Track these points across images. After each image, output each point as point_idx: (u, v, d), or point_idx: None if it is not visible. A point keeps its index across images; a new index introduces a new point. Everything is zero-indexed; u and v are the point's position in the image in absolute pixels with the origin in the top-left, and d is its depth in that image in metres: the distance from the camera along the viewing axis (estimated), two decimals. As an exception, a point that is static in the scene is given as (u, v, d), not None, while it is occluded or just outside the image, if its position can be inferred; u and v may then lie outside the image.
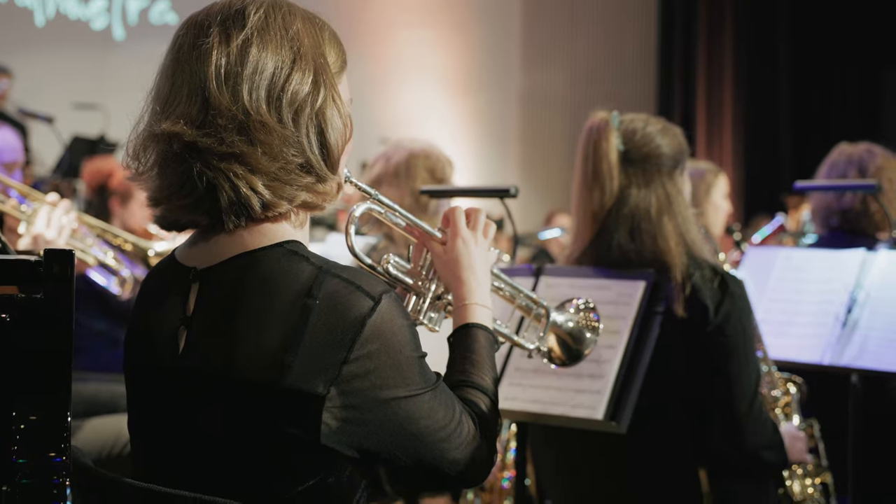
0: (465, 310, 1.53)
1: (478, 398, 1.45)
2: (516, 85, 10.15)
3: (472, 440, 1.38)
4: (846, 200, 3.15)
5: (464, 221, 1.58)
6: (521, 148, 10.12)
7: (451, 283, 1.56)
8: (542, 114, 10.12)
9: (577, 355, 1.78)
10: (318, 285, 1.29)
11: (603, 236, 2.24)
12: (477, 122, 10.04)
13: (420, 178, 2.84)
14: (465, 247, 1.55)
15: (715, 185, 3.79)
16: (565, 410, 2.05)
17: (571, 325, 1.79)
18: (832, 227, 3.20)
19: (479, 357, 1.49)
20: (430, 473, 1.37)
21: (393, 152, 2.92)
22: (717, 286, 2.18)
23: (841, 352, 2.73)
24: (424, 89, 9.78)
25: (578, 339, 1.78)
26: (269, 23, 1.34)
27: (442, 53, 9.93)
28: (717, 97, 10.31)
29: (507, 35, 10.20)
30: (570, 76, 10.23)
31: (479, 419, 1.42)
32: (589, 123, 2.31)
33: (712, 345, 2.15)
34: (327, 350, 1.27)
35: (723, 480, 2.19)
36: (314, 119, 1.34)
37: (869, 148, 3.24)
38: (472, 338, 1.50)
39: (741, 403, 2.14)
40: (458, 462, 1.37)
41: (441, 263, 1.57)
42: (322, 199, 1.37)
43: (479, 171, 9.90)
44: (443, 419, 1.35)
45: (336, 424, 1.28)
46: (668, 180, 2.26)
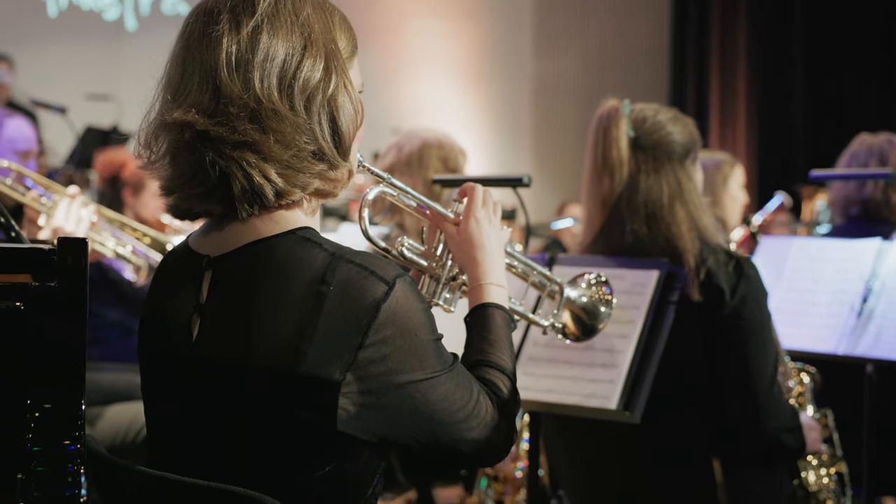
0: (480, 290, 1.52)
1: (496, 377, 1.45)
2: (528, 74, 10.13)
3: (490, 420, 1.38)
4: (867, 190, 3.14)
5: (480, 201, 1.58)
6: (534, 138, 10.10)
7: (465, 263, 1.55)
8: (555, 103, 10.09)
9: (592, 330, 1.79)
10: (332, 271, 1.29)
11: (614, 223, 2.24)
12: (489, 112, 10.02)
13: (433, 167, 2.84)
14: (479, 227, 1.55)
15: (732, 175, 3.78)
16: (578, 400, 2.04)
17: (585, 299, 1.79)
18: (852, 216, 3.19)
19: (496, 336, 1.49)
20: (448, 455, 1.37)
21: (405, 141, 2.91)
22: (732, 269, 2.18)
23: (856, 342, 2.72)
24: (436, 79, 9.77)
25: (592, 314, 1.79)
26: (280, 9, 1.34)
27: (454, 43, 9.91)
28: (731, 87, 10.26)
29: (519, 24, 10.16)
30: (582, 66, 10.20)
31: (497, 399, 1.42)
32: (599, 111, 2.31)
33: (730, 328, 2.15)
34: (342, 336, 1.27)
35: (737, 470, 2.19)
36: (326, 106, 1.34)
37: (890, 138, 3.23)
38: (489, 317, 1.50)
39: (760, 385, 2.14)
40: (477, 442, 1.37)
41: (455, 244, 1.57)
42: (334, 187, 1.37)
43: (491, 160, 9.88)
44: (460, 400, 1.35)
45: (353, 410, 1.28)
46: (679, 168, 2.26)
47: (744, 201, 3.82)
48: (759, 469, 2.24)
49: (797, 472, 2.42)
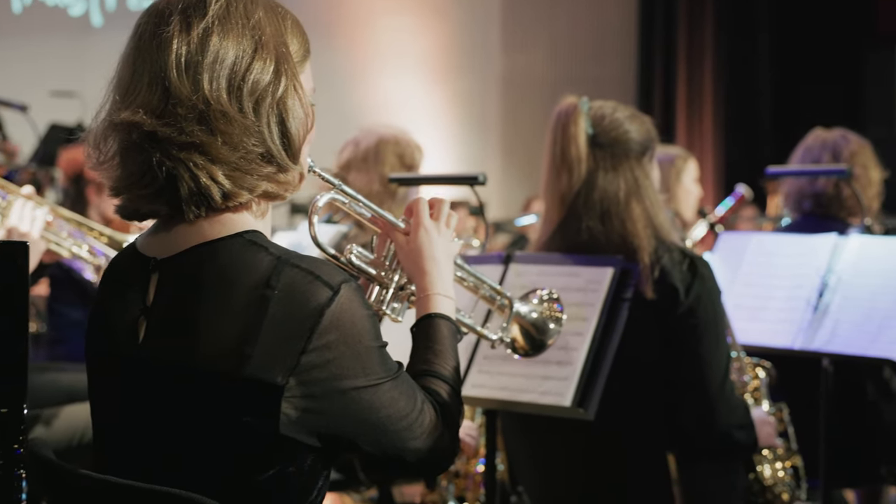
0: (427, 300, 1.53)
1: (440, 387, 1.46)
2: (496, 69, 10.14)
3: (433, 429, 1.39)
4: (819, 185, 3.17)
5: (427, 212, 1.58)
6: (502, 132, 10.11)
7: (413, 273, 1.56)
8: (523, 98, 10.10)
9: (541, 345, 1.79)
10: (277, 275, 1.29)
11: (571, 220, 2.26)
12: (457, 107, 10.03)
13: (389, 163, 2.83)
14: (428, 237, 1.56)
15: (685, 169, 3.81)
16: (533, 397, 2.05)
17: (535, 315, 1.80)
18: (805, 211, 3.23)
19: (442, 347, 1.49)
20: (391, 462, 1.38)
21: (362, 137, 2.90)
22: (687, 268, 2.20)
23: (812, 336, 2.75)
24: (405, 75, 9.75)
25: (542, 330, 1.79)
26: (231, 11, 1.34)
27: (422, 39, 9.90)
28: (698, 81, 10.32)
29: (487, 19, 10.17)
30: (550, 60, 10.22)
31: (441, 408, 1.42)
32: (558, 108, 2.33)
33: (683, 327, 2.17)
34: (286, 340, 1.28)
35: (691, 466, 2.21)
36: (275, 108, 1.34)
37: (843, 134, 3.26)
38: (435, 328, 1.51)
39: (713, 383, 2.16)
40: (420, 451, 1.37)
41: (404, 254, 1.57)
42: (284, 189, 1.37)
43: (459, 155, 9.89)
44: (404, 408, 1.35)
45: (296, 414, 1.29)
46: (637, 165, 2.28)
47: (698, 195, 3.85)
48: (713, 464, 2.26)
49: (753, 466, 2.44)
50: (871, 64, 10.00)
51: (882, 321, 2.66)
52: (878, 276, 2.72)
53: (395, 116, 9.44)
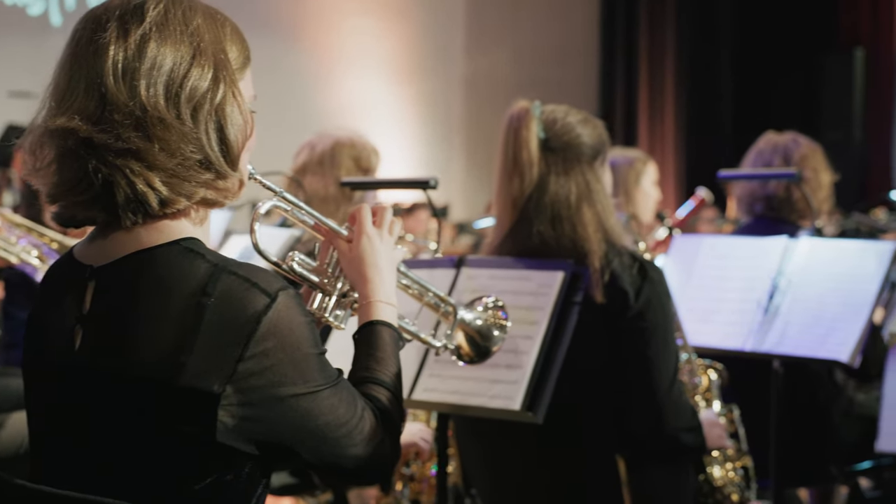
0: (369, 307, 1.53)
1: (381, 394, 1.46)
2: (460, 71, 10.16)
3: (373, 436, 1.39)
4: (770, 188, 3.21)
5: (369, 220, 1.58)
6: (466, 134, 10.13)
7: (356, 280, 1.56)
8: (487, 100, 10.12)
9: (486, 352, 1.79)
10: (214, 283, 1.29)
11: (523, 224, 2.27)
12: (421, 109, 10.04)
13: (345, 167, 2.82)
14: (371, 245, 1.56)
15: (644, 172, 3.84)
16: (483, 401, 2.06)
17: (480, 322, 1.80)
18: (756, 213, 3.27)
19: (383, 354, 1.50)
20: (331, 470, 1.38)
21: (318, 140, 2.90)
22: (637, 272, 2.21)
23: (763, 338, 2.78)
24: (368, 77, 9.74)
25: (486, 337, 1.79)
26: (169, 18, 1.33)
27: (386, 41, 9.90)
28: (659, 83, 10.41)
29: (451, 21, 10.19)
30: (514, 62, 10.26)
31: (381, 415, 1.42)
32: (510, 112, 2.33)
33: (633, 330, 2.18)
34: (222, 348, 1.27)
35: (641, 467, 2.22)
36: (213, 115, 1.33)
37: (794, 137, 3.30)
38: (376, 335, 1.51)
39: (661, 387, 2.17)
40: (360, 458, 1.37)
41: (346, 261, 1.57)
42: (223, 196, 1.37)
43: (423, 158, 9.89)
44: (344, 415, 1.35)
45: (233, 422, 1.28)
46: (588, 169, 2.29)
47: (657, 197, 3.88)
48: (662, 466, 2.28)
49: (703, 467, 2.46)
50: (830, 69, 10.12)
51: (830, 323, 2.69)
52: (826, 279, 2.76)
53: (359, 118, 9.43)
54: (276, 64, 9.02)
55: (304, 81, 9.25)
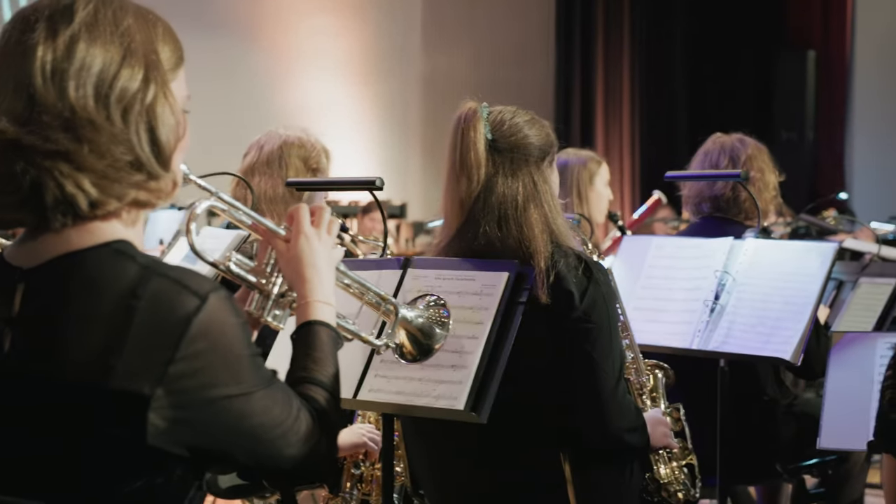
0: (307, 307, 1.53)
1: (318, 394, 1.46)
2: (418, 71, 10.16)
3: (310, 436, 1.39)
4: (717, 188, 3.25)
5: (308, 219, 1.58)
6: (423, 134, 10.13)
7: (293, 280, 1.56)
8: (445, 100, 10.11)
9: (428, 350, 1.81)
10: (143, 285, 1.28)
11: (470, 224, 2.27)
12: (379, 109, 10.02)
13: (293, 167, 2.81)
14: (308, 244, 1.56)
15: (598, 173, 3.87)
16: (428, 402, 2.06)
17: (421, 320, 1.81)
18: (704, 213, 3.30)
19: (321, 354, 1.49)
20: (267, 470, 1.38)
21: (266, 140, 2.88)
22: (582, 273, 2.22)
23: (709, 337, 2.82)
24: (326, 77, 9.71)
25: (428, 335, 1.81)
26: (99, 18, 1.33)
27: (343, 41, 9.87)
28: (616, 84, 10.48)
29: (408, 21, 10.18)
30: (472, 62, 10.28)
31: (318, 415, 1.42)
32: (458, 113, 2.34)
33: (578, 331, 2.19)
34: (152, 350, 1.27)
35: (585, 466, 2.24)
36: (144, 116, 1.33)
37: (741, 138, 3.35)
38: (314, 335, 1.50)
39: (605, 387, 2.19)
40: (296, 458, 1.37)
41: (284, 261, 1.57)
42: (155, 197, 1.37)
43: (381, 158, 9.88)
44: (278, 416, 1.35)
45: (164, 425, 1.28)
46: (536, 170, 2.30)
47: (610, 197, 3.92)
48: (606, 465, 2.30)
49: (649, 466, 2.48)
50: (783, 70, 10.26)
51: (774, 322, 2.73)
52: (771, 279, 2.80)
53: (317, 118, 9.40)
54: (233, 64, 8.97)
55: (261, 82, 9.20)
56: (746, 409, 3.05)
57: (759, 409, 3.11)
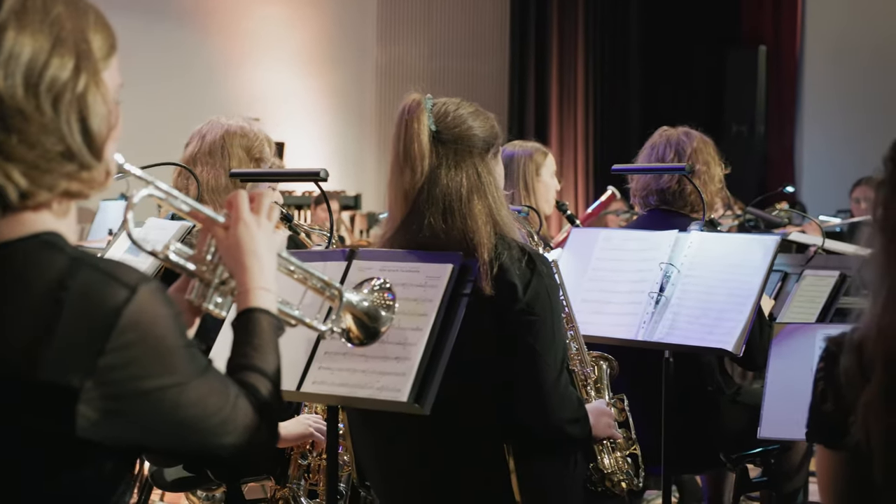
0: (247, 294, 1.52)
1: (258, 382, 1.45)
2: (373, 61, 10.13)
3: (249, 424, 1.38)
4: (663, 181, 3.28)
5: (247, 205, 1.57)
6: (378, 125, 10.11)
7: (233, 268, 1.55)
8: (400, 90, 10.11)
9: (374, 333, 1.82)
10: (72, 276, 1.27)
11: (414, 216, 2.27)
12: (334, 99, 9.98)
13: (236, 157, 2.78)
14: (248, 231, 1.54)
15: (544, 164, 3.89)
16: (371, 393, 2.06)
17: (366, 304, 1.82)
18: (650, 206, 3.34)
19: (261, 341, 1.48)
20: (206, 461, 1.38)
21: (208, 129, 2.84)
22: (526, 265, 2.23)
23: (653, 329, 2.85)
24: (280, 67, 9.65)
25: (374, 318, 1.82)
26: (28, 6, 1.31)
27: (298, 30, 9.81)
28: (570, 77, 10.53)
29: (363, 11, 10.15)
30: (427, 52, 10.27)
31: (258, 403, 1.42)
32: (402, 104, 2.34)
33: (521, 323, 2.20)
34: (81, 342, 1.26)
35: (528, 457, 2.25)
36: (75, 106, 1.31)
37: (687, 131, 3.38)
38: (254, 322, 1.50)
39: (547, 379, 2.20)
40: (234, 447, 1.37)
41: (224, 248, 1.56)
42: (88, 187, 1.35)
43: (336, 148, 9.84)
44: (215, 405, 1.35)
45: (95, 417, 1.27)
46: (480, 162, 2.31)
47: (557, 188, 3.94)
48: (549, 456, 2.31)
49: (593, 456, 2.50)
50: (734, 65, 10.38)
51: (718, 314, 2.77)
52: (714, 271, 2.84)
53: (271, 108, 9.34)
54: (187, 53, 8.87)
55: (215, 71, 9.12)
56: (691, 399, 3.09)
57: (704, 400, 3.15)
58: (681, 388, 2.92)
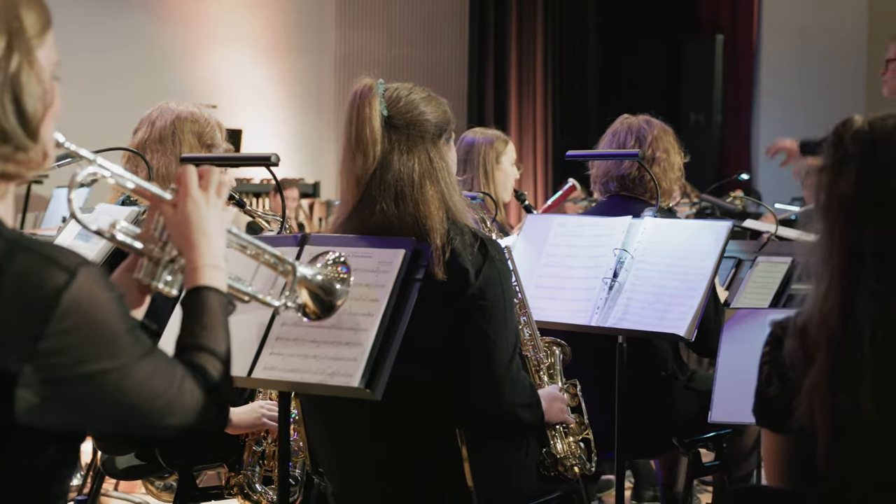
0: (196, 272, 1.50)
1: (206, 361, 1.43)
2: (332, 46, 10.07)
3: (196, 404, 1.37)
4: (624, 167, 3.30)
5: (195, 182, 1.55)
6: (337, 111, 10.05)
7: (182, 245, 1.53)
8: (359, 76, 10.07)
9: (330, 307, 1.84)
10: (9, 259, 1.25)
11: (366, 201, 2.26)
12: (292, 86, 9.91)
13: (187, 143, 2.76)
14: (196, 208, 1.52)
15: (504, 152, 3.90)
16: (323, 379, 2.05)
17: (320, 278, 1.82)
18: (611, 192, 3.36)
19: (210, 319, 1.47)
20: (152, 443, 1.36)
21: (157, 115, 2.82)
22: (478, 251, 2.23)
23: (607, 314, 2.86)
24: (238, 52, 9.56)
25: (329, 291, 1.83)
26: None
27: (256, 15, 9.72)
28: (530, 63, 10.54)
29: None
30: (386, 40, 10.23)
31: (206, 382, 1.41)
32: (354, 89, 2.32)
33: (473, 308, 2.20)
34: (19, 326, 1.24)
35: (481, 442, 2.26)
36: (8, 86, 1.29)
37: (647, 119, 3.40)
38: (203, 300, 1.48)
39: (499, 364, 2.20)
40: (181, 429, 1.36)
41: (172, 226, 1.54)
42: (25, 169, 1.33)
43: (294, 134, 9.78)
44: (160, 386, 1.33)
45: (36, 401, 1.25)
46: (432, 147, 2.30)
47: (516, 176, 3.95)
48: (501, 441, 2.32)
49: (547, 441, 2.51)
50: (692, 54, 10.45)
51: (670, 299, 2.79)
52: (667, 257, 2.85)
53: (229, 94, 9.26)
54: (141, 36, 8.76)
55: (172, 58, 9.02)
56: (644, 384, 3.12)
57: (657, 385, 3.18)
58: (634, 373, 2.94)
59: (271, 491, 2.73)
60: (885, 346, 1.46)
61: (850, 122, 1.54)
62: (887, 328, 1.46)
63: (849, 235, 1.50)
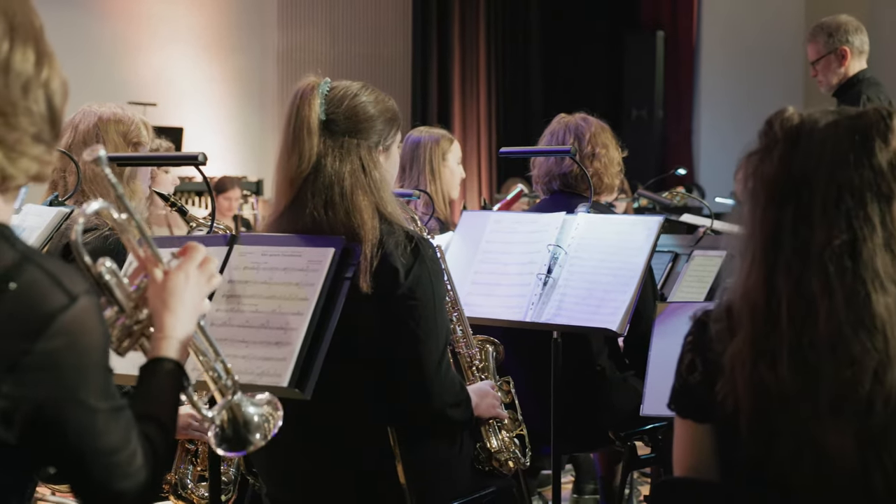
0: (165, 341, 1.51)
1: (153, 433, 1.44)
2: (274, 44, 9.99)
3: (136, 473, 1.36)
4: (565, 165, 3.33)
5: (198, 261, 1.57)
6: (280, 109, 9.97)
7: (159, 310, 1.53)
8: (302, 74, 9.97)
9: (243, 442, 1.63)
10: (18, 272, 1.26)
11: (297, 205, 2.24)
12: (234, 83, 9.82)
13: (112, 143, 2.72)
14: (187, 283, 1.54)
15: (450, 150, 3.92)
16: (251, 379, 2.04)
17: (254, 416, 1.65)
18: (553, 190, 3.39)
19: (167, 395, 1.49)
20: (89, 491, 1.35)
21: (80, 119, 2.78)
22: (410, 251, 2.21)
23: (541, 310, 2.88)
24: (179, 51, 9.45)
25: (249, 429, 1.63)
26: None
27: (197, 12, 9.62)
28: (473, 60, 10.56)
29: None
30: (329, 37, 10.18)
31: (152, 455, 1.41)
32: (297, 87, 2.29)
33: (402, 307, 2.19)
34: (10, 339, 1.24)
35: (413, 440, 2.26)
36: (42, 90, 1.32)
37: (584, 117, 3.44)
38: (164, 373, 1.49)
39: (429, 364, 2.20)
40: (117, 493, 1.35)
41: (157, 288, 1.54)
42: (47, 170, 1.35)
43: (236, 132, 9.70)
44: (115, 444, 1.33)
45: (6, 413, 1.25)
46: (367, 155, 2.25)
47: (462, 175, 3.97)
48: (433, 439, 2.32)
49: (481, 437, 2.53)
50: (633, 50, 10.54)
51: (603, 294, 2.81)
52: (600, 252, 2.88)
53: (169, 92, 9.15)
54: (82, 37, 8.62)
55: (110, 55, 8.89)
56: (579, 379, 3.14)
57: (592, 379, 3.20)
58: (569, 368, 2.96)
59: (203, 487, 2.71)
60: (799, 318, 1.50)
61: (782, 111, 1.59)
62: (801, 299, 1.50)
63: (770, 214, 1.54)
